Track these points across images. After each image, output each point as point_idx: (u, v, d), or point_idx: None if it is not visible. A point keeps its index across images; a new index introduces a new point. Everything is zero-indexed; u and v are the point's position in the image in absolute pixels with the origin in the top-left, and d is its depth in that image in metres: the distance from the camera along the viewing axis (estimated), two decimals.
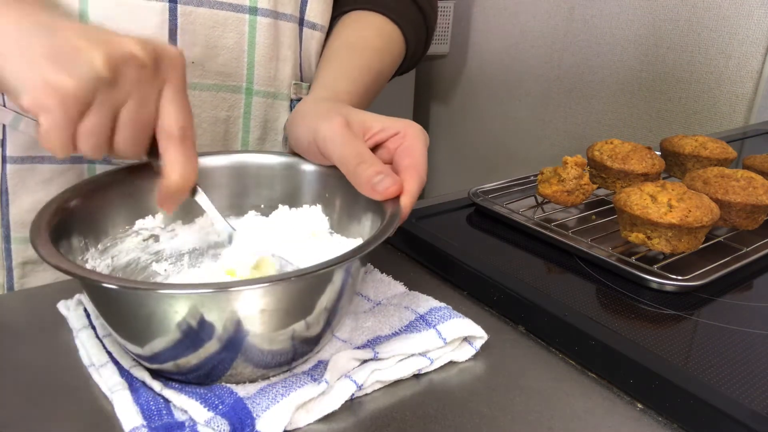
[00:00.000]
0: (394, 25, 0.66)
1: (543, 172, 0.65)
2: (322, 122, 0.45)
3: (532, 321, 0.45)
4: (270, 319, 0.34)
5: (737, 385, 0.38)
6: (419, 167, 0.42)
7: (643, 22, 1.50)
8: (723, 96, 1.37)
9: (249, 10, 0.60)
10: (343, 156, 0.42)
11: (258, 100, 0.64)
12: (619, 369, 0.40)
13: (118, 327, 0.37)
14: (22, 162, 0.58)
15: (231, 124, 0.64)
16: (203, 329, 0.33)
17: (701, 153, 0.70)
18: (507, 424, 0.36)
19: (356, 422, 0.36)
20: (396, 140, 0.44)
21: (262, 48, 0.62)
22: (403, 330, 0.41)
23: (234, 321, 0.33)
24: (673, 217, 0.51)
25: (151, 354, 0.36)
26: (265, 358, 0.36)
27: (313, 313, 0.36)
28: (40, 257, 0.34)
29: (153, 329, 0.34)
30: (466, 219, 0.64)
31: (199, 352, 0.34)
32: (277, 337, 0.35)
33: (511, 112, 1.97)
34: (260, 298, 0.33)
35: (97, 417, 0.36)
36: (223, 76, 0.61)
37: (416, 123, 0.45)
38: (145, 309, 0.34)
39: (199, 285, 0.33)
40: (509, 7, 1.88)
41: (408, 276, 0.49)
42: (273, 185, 0.50)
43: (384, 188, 0.40)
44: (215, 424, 0.33)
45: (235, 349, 0.35)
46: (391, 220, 0.39)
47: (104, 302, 0.36)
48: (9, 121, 0.57)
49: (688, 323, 0.46)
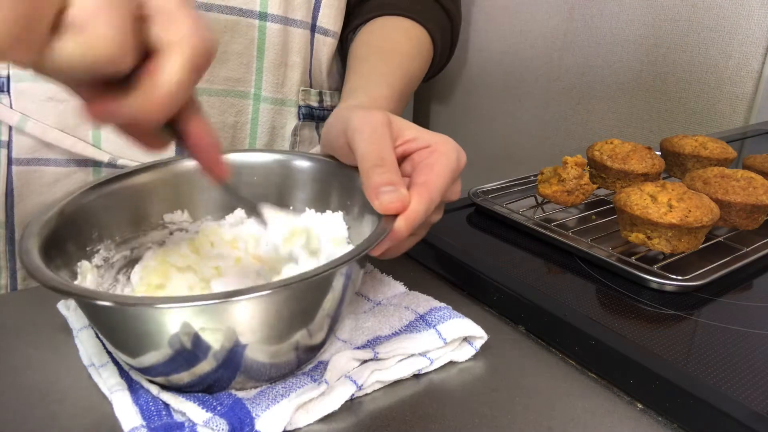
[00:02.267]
0: (422, 29, 0.65)
1: (543, 172, 0.65)
2: (358, 115, 0.41)
3: (532, 321, 0.45)
4: (272, 326, 0.34)
5: (737, 385, 0.38)
6: (432, 187, 0.38)
7: (643, 22, 1.50)
8: (723, 96, 1.36)
9: (259, 15, 0.60)
10: (366, 152, 0.39)
11: (266, 106, 0.64)
12: (619, 369, 0.40)
13: (112, 341, 0.36)
14: (27, 164, 0.58)
15: (239, 130, 0.64)
16: (200, 343, 0.32)
17: (701, 153, 0.70)
18: (507, 424, 0.36)
19: (356, 422, 0.36)
20: (423, 154, 0.40)
21: (271, 54, 0.62)
22: (403, 330, 0.41)
23: (234, 331, 0.32)
24: (673, 217, 0.51)
25: (149, 367, 0.35)
26: (269, 370, 0.36)
27: (315, 320, 0.35)
28: (27, 271, 0.33)
29: (147, 344, 0.33)
30: (466, 219, 0.64)
31: (201, 365, 0.34)
32: (281, 345, 0.35)
33: (511, 112, 1.97)
34: (259, 307, 0.32)
35: (97, 417, 0.36)
36: (232, 81, 0.61)
37: (454, 141, 0.41)
38: (138, 324, 0.32)
39: (194, 297, 0.31)
40: (509, 7, 1.88)
41: (408, 276, 0.49)
42: (306, 186, 0.48)
43: (387, 201, 0.36)
44: (214, 425, 0.33)
45: (237, 361, 0.34)
46: (375, 237, 0.36)
47: (96, 317, 0.36)
48: (16, 122, 0.57)
49: (688, 323, 0.46)
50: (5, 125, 0.58)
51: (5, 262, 0.61)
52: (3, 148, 0.58)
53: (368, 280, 0.49)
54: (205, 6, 0.57)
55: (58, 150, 0.58)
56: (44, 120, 0.57)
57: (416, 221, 0.37)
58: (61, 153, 0.59)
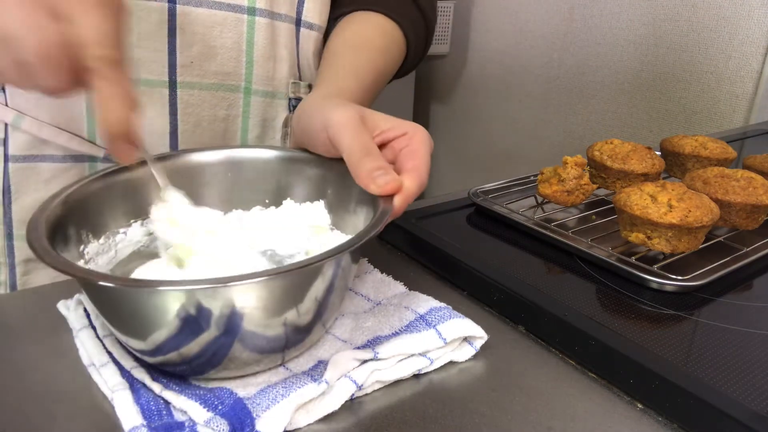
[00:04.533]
0: (395, 25, 0.66)
1: (543, 172, 0.65)
2: (337, 111, 0.44)
3: (532, 321, 0.45)
4: (263, 309, 0.35)
5: (737, 385, 0.38)
6: (421, 170, 0.42)
7: (643, 22, 1.50)
8: (723, 96, 1.37)
9: (248, 10, 0.61)
10: (352, 146, 0.42)
11: (257, 99, 0.64)
12: (619, 369, 0.40)
13: (117, 324, 0.37)
14: (24, 160, 0.59)
15: (230, 123, 0.64)
16: (201, 321, 0.34)
17: (701, 153, 0.70)
18: (507, 424, 0.36)
19: (356, 422, 0.36)
20: (402, 141, 0.44)
21: (260, 48, 0.62)
22: (403, 330, 0.41)
23: (229, 311, 0.34)
24: (673, 217, 0.51)
25: (152, 347, 0.36)
26: (260, 342, 0.36)
27: (304, 304, 0.36)
28: (37, 256, 0.34)
29: (151, 324, 0.34)
30: (466, 219, 0.64)
31: (198, 340, 0.35)
32: (270, 324, 0.36)
33: (511, 112, 1.97)
34: (254, 291, 0.34)
35: (97, 417, 0.36)
36: (222, 75, 0.62)
37: (422, 127, 0.45)
38: (143, 306, 0.34)
39: (198, 281, 0.33)
40: (509, 7, 1.88)
41: (408, 276, 0.49)
42: (271, 180, 0.50)
43: (383, 183, 0.40)
44: (215, 424, 0.33)
45: (232, 336, 0.35)
46: (381, 217, 0.39)
47: (101, 300, 0.37)
48: (11, 120, 0.57)
49: (688, 323, 0.46)
50: (1, 122, 0.58)
51: (4, 258, 0.62)
52: (0, 145, 0.58)
53: (368, 280, 0.49)
54: (195, 1, 0.58)
55: (54, 146, 0.59)
56: (39, 116, 0.58)
57: (410, 200, 0.42)
58: (57, 149, 0.59)
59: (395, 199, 0.41)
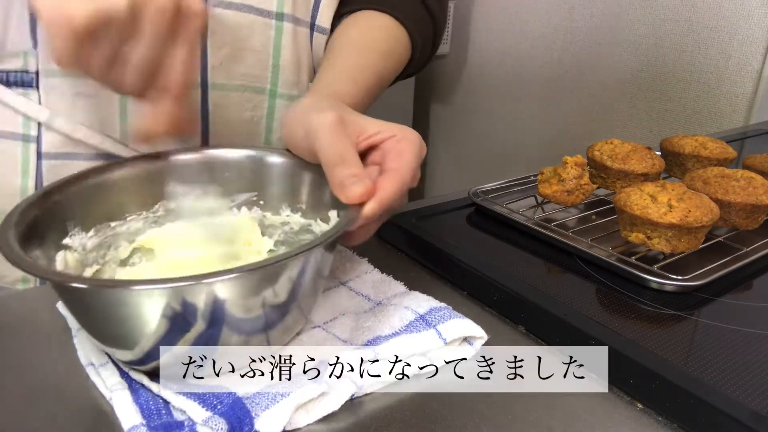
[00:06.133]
0: (401, 27, 0.65)
1: (543, 172, 0.65)
2: (315, 117, 0.44)
3: (532, 321, 0.45)
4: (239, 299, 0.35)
5: (737, 385, 0.38)
6: (403, 173, 0.41)
7: (643, 22, 1.50)
8: (723, 96, 1.36)
9: (276, 15, 0.61)
10: (327, 153, 0.42)
11: (281, 102, 0.65)
12: (619, 369, 0.40)
13: (96, 332, 0.37)
14: (56, 158, 0.59)
15: (255, 125, 0.65)
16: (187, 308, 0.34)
17: (701, 153, 0.70)
18: (507, 424, 0.36)
19: (356, 422, 0.36)
20: (391, 143, 0.43)
21: (287, 52, 0.63)
22: (403, 330, 0.41)
23: (208, 304, 0.34)
24: (673, 217, 0.51)
25: (138, 354, 0.36)
26: (244, 325, 0.37)
27: (278, 296, 0.37)
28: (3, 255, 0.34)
29: (130, 326, 0.34)
30: (466, 219, 0.64)
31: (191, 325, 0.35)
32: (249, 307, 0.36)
33: (511, 112, 1.97)
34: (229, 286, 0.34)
35: (97, 416, 0.36)
36: (250, 78, 0.63)
37: (415, 131, 0.45)
38: (118, 308, 0.34)
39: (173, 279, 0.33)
40: (509, 7, 1.88)
41: (408, 276, 0.49)
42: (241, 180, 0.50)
43: (352, 193, 0.40)
44: (214, 424, 0.33)
45: (217, 324, 0.35)
46: (343, 223, 0.39)
47: (77, 307, 0.37)
48: (45, 119, 0.57)
49: (688, 323, 0.46)
50: (34, 121, 0.58)
51: None
52: (32, 143, 0.58)
53: (368, 280, 0.49)
54: (224, 4, 0.58)
55: (85, 145, 0.59)
56: (72, 116, 0.58)
57: (385, 205, 0.40)
58: (89, 147, 0.59)
59: (366, 205, 0.40)
